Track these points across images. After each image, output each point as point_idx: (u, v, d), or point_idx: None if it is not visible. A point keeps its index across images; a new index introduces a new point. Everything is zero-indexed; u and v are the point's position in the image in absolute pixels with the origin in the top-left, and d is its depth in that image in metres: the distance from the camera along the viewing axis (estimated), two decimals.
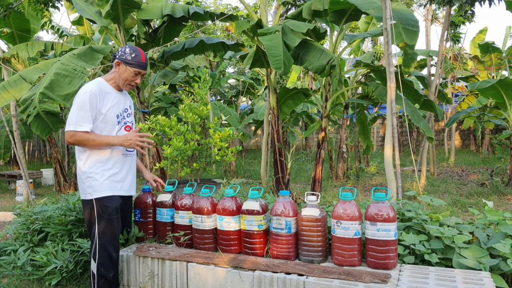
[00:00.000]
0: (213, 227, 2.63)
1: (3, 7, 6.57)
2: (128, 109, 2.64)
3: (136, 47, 2.52)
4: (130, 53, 2.47)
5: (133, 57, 2.47)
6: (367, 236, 2.25)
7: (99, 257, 2.41)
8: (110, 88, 2.54)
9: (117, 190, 2.50)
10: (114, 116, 2.51)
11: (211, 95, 14.46)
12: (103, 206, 2.42)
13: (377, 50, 10.14)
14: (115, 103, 2.53)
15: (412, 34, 4.67)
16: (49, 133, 5.71)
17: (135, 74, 2.50)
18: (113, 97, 2.52)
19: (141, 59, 2.49)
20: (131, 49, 2.49)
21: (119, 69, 2.51)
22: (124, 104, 2.61)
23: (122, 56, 2.48)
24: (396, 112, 4.22)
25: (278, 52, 4.55)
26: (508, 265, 2.16)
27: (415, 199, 5.50)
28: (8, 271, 3.12)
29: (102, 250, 2.42)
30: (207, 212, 2.61)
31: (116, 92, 2.56)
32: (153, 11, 5.73)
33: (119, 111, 2.55)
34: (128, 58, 2.47)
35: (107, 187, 2.45)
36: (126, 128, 2.59)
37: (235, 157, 5.90)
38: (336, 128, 15.01)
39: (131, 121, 2.64)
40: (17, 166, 10.93)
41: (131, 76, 2.50)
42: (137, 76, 2.52)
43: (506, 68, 9.76)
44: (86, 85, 2.46)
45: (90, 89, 2.42)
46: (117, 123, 2.53)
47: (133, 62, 2.47)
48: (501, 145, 9.25)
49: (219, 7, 12.73)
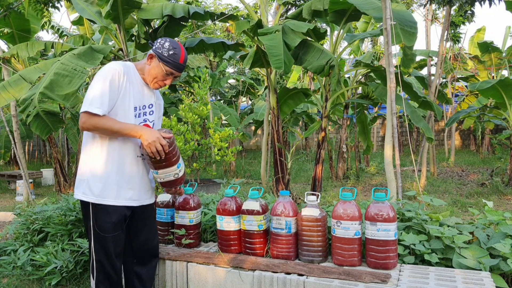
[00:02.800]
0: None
1: (3, 7, 6.57)
2: (153, 105, 2.23)
3: (178, 44, 2.13)
4: (169, 48, 2.09)
5: (170, 54, 2.08)
6: (367, 236, 2.25)
7: (97, 274, 2.14)
8: (137, 77, 2.17)
9: (122, 199, 2.10)
10: (132, 107, 2.12)
11: (211, 95, 14.46)
12: (99, 218, 2.07)
13: (377, 50, 10.15)
14: (137, 93, 2.15)
15: (410, 36, 4.67)
16: (49, 133, 5.71)
17: (167, 74, 2.13)
18: (137, 87, 2.16)
19: (178, 59, 2.10)
20: (171, 45, 2.10)
21: (151, 62, 2.13)
22: (149, 98, 2.21)
23: (159, 49, 2.10)
24: (396, 112, 4.22)
25: (278, 52, 4.55)
26: (508, 265, 2.16)
27: (415, 199, 5.50)
28: (8, 271, 3.12)
29: (100, 267, 2.13)
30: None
31: (143, 84, 2.19)
32: (153, 11, 5.73)
33: (139, 104, 2.16)
34: (164, 54, 2.09)
35: (109, 194, 2.07)
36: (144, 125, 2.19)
37: (235, 157, 5.90)
38: (336, 128, 15.01)
39: (152, 120, 2.23)
40: (17, 166, 10.93)
41: (161, 74, 2.12)
42: (169, 77, 2.14)
43: (506, 68, 9.77)
44: (112, 63, 2.11)
45: (117, 67, 2.06)
46: (134, 115, 2.13)
47: (168, 60, 2.09)
48: (501, 145, 9.25)
49: (219, 7, 12.73)
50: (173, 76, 2.15)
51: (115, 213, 2.09)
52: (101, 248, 2.09)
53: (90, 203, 2.07)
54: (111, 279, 2.17)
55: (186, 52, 2.14)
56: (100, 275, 2.14)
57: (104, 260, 2.11)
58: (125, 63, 2.14)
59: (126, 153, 2.11)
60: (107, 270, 2.13)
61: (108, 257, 2.12)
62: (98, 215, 2.07)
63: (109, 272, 2.14)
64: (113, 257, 2.13)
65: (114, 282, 2.19)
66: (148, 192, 2.26)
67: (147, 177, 2.24)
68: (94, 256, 2.11)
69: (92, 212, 2.08)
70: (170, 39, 2.14)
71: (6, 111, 9.26)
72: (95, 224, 2.08)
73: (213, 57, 11.19)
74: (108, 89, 2.00)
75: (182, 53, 2.12)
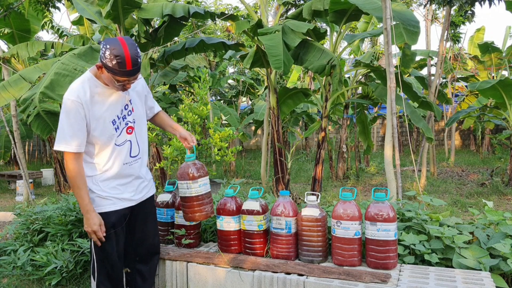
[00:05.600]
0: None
1: (3, 7, 6.57)
2: (129, 105, 2.14)
3: (120, 48, 1.88)
4: (111, 58, 1.87)
5: (114, 64, 1.88)
6: (367, 236, 2.25)
7: (98, 275, 2.16)
8: (100, 85, 2.03)
9: (119, 204, 2.15)
10: (109, 123, 2.06)
11: (211, 95, 14.45)
12: None
13: (377, 50, 10.14)
14: (109, 105, 2.05)
15: (413, 35, 4.69)
16: (50, 133, 5.70)
17: (121, 82, 1.97)
18: (105, 98, 2.04)
19: (125, 66, 1.88)
20: (112, 53, 1.86)
21: (102, 72, 1.97)
22: (122, 100, 2.11)
23: (103, 59, 1.91)
24: (396, 112, 4.22)
25: (278, 52, 4.55)
26: (508, 265, 2.16)
27: (415, 199, 5.50)
28: (8, 271, 3.12)
29: (101, 267, 2.15)
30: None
31: (109, 89, 2.05)
32: (153, 10, 5.74)
33: (116, 113, 2.08)
34: (109, 65, 1.89)
35: (106, 203, 2.11)
36: (127, 130, 2.15)
37: (235, 157, 5.90)
38: (336, 128, 15.00)
39: (133, 119, 2.17)
40: (17, 166, 10.93)
41: (116, 82, 1.97)
42: (125, 83, 1.98)
43: (506, 68, 9.77)
44: (70, 90, 1.99)
45: (75, 97, 1.96)
46: (114, 130, 2.08)
47: (114, 70, 1.90)
48: (501, 145, 9.25)
49: (219, 7, 12.72)
50: (132, 80, 1.99)
51: (114, 215, 2.13)
52: (101, 248, 2.12)
53: None
54: (112, 280, 2.19)
55: (133, 51, 1.90)
56: (101, 275, 2.16)
57: (105, 260, 2.15)
58: (83, 83, 2.01)
59: (115, 164, 2.12)
60: (107, 270, 2.16)
61: (109, 257, 2.14)
62: None
63: (110, 273, 2.17)
64: (114, 257, 2.16)
65: (115, 282, 2.21)
66: (144, 189, 2.29)
67: (140, 176, 2.25)
68: (95, 257, 2.15)
69: None
70: (110, 45, 1.89)
71: (6, 111, 9.27)
72: None
73: (213, 57, 11.19)
74: (76, 123, 1.97)
75: (127, 58, 1.88)
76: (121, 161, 2.13)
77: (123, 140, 2.14)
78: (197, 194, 2.33)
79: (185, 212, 2.40)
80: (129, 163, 2.17)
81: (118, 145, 2.12)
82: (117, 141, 2.12)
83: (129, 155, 2.16)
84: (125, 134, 2.15)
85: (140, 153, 2.23)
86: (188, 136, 2.39)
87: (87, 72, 2.07)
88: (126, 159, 2.15)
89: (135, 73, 1.96)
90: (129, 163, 2.17)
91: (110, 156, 2.10)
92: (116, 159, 2.12)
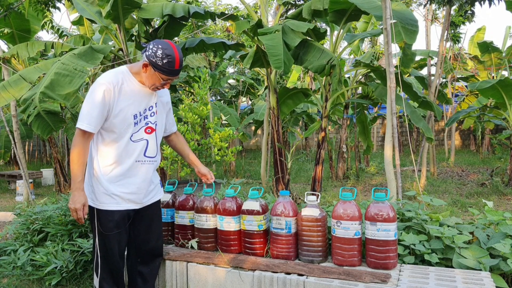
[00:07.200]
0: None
1: (3, 7, 6.57)
2: (153, 107, 2.21)
3: (172, 48, 2.04)
4: (162, 57, 2.01)
5: (165, 63, 2.02)
6: (367, 236, 2.25)
7: (101, 272, 2.20)
8: (133, 81, 2.14)
9: (124, 204, 2.18)
10: (131, 116, 2.13)
11: (211, 95, 14.45)
12: (102, 218, 2.16)
13: (377, 50, 10.14)
14: (135, 101, 2.14)
15: (411, 33, 4.71)
16: (50, 133, 5.71)
17: (165, 80, 2.10)
18: (134, 93, 2.14)
19: (174, 66, 2.04)
20: (164, 52, 2.01)
21: (146, 70, 2.08)
22: (148, 101, 2.19)
23: (152, 58, 2.03)
24: (396, 112, 4.22)
25: (278, 52, 4.55)
26: (508, 265, 2.16)
27: (415, 199, 5.50)
28: (8, 271, 3.12)
29: (104, 264, 2.20)
30: (211, 211, 2.62)
31: (141, 86, 2.16)
32: (153, 10, 5.74)
33: (139, 110, 2.16)
34: (159, 63, 2.03)
35: (112, 201, 2.15)
36: (146, 130, 2.19)
37: (235, 157, 5.90)
38: (336, 128, 15.00)
39: (154, 121, 2.22)
40: (17, 166, 10.93)
41: (158, 81, 2.10)
42: (167, 82, 2.12)
43: (506, 68, 9.77)
44: (104, 75, 2.11)
45: (106, 81, 2.06)
46: (133, 124, 2.14)
47: (163, 69, 2.03)
48: (501, 145, 9.26)
49: (219, 7, 12.72)
50: (172, 80, 2.13)
51: (118, 214, 2.18)
52: (105, 246, 2.19)
53: (95, 208, 2.18)
54: (114, 277, 2.24)
55: (180, 53, 2.07)
56: (103, 272, 2.21)
57: (108, 258, 2.20)
58: (117, 73, 2.13)
59: (126, 159, 2.16)
60: (110, 268, 2.21)
61: (112, 255, 2.20)
62: (102, 216, 2.17)
63: (112, 269, 2.22)
64: (116, 255, 2.21)
65: (117, 280, 2.26)
66: (151, 192, 2.33)
67: (149, 179, 2.27)
68: (99, 253, 2.20)
69: (97, 214, 2.18)
70: (162, 45, 2.04)
71: (6, 111, 9.26)
72: (99, 224, 2.18)
73: (213, 57, 11.18)
74: (99, 105, 2.04)
75: (176, 58, 2.04)
76: (133, 157, 2.17)
77: (139, 138, 2.18)
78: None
79: (201, 242, 2.62)
80: (142, 161, 2.20)
81: (133, 141, 2.16)
82: (133, 137, 2.16)
83: (143, 153, 2.20)
84: (143, 132, 2.19)
85: (157, 156, 2.29)
86: (207, 173, 2.53)
87: (123, 66, 2.19)
88: (140, 156, 2.19)
89: (179, 73, 2.11)
90: (141, 161, 2.20)
91: (124, 150, 2.14)
92: (129, 154, 2.16)
